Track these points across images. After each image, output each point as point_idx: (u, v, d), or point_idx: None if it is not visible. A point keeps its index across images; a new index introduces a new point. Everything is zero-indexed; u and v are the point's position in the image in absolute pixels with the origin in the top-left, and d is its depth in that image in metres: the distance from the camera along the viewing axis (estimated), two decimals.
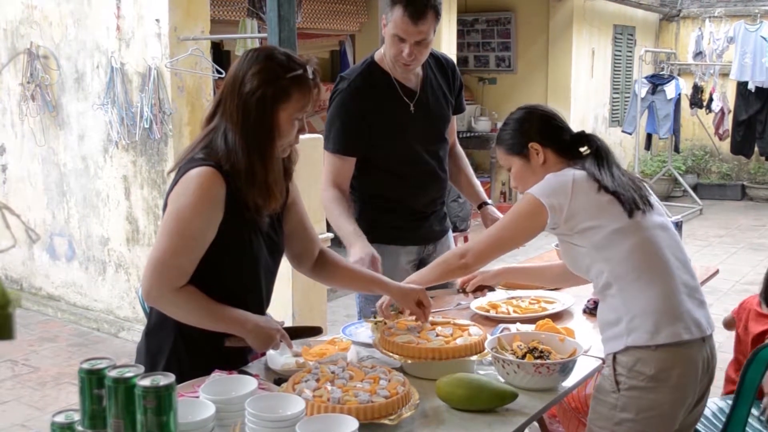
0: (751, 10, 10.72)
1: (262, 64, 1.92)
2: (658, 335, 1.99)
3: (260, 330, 1.99)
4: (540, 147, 2.22)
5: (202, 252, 1.93)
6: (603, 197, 2.09)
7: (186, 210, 1.89)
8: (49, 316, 5.97)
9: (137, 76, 5.22)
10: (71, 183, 5.86)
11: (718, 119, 10.89)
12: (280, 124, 1.94)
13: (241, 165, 1.91)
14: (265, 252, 2.08)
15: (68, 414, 1.57)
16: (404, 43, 2.58)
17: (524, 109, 2.31)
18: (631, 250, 2.04)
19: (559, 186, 2.12)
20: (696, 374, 2.04)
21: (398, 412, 1.80)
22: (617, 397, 2.01)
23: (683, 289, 2.06)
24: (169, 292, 1.90)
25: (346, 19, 7.97)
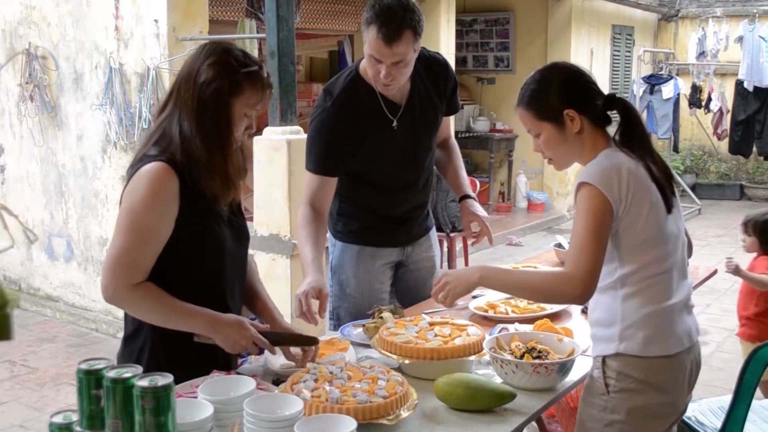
0: (749, 10, 10.73)
1: (219, 57, 1.94)
2: (650, 348, 1.96)
3: (228, 332, 1.95)
4: (576, 114, 2.01)
5: (157, 247, 1.92)
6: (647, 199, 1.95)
7: (138, 206, 1.89)
8: (47, 316, 5.96)
9: (136, 77, 5.22)
10: (70, 183, 5.85)
11: (716, 119, 10.90)
12: (234, 119, 1.96)
13: (199, 154, 1.91)
14: (230, 239, 2.06)
15: (66, 414, 1.57)
16: (381, 64, 2.45)
17: (554, 68, 2.11)
18: (649, 263, 1.97)
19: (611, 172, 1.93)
20: (684, 379, 2.03)
21: (397, 412, 1.80)
22: (607, 399, 1.98)
23: (681, 304, 2.02)
24: (124, 290, 1.88)
25: (344, 20, 7.97)
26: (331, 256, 2.90)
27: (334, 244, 2.88)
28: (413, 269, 2.94)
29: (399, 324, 2.28)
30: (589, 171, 1.96)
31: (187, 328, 1.95)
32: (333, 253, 2.89)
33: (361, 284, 2.81)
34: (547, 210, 9.90)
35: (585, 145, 2.04)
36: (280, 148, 4.57)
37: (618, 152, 2.00)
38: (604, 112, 2.06)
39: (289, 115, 4.67)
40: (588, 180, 1.93)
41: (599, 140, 2.04)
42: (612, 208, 1.91)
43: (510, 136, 9.75)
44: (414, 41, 2.45)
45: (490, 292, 2.91)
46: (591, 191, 1.92)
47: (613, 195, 1.91)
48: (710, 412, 2.85)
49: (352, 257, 2.82)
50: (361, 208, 2.80)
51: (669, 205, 2.02)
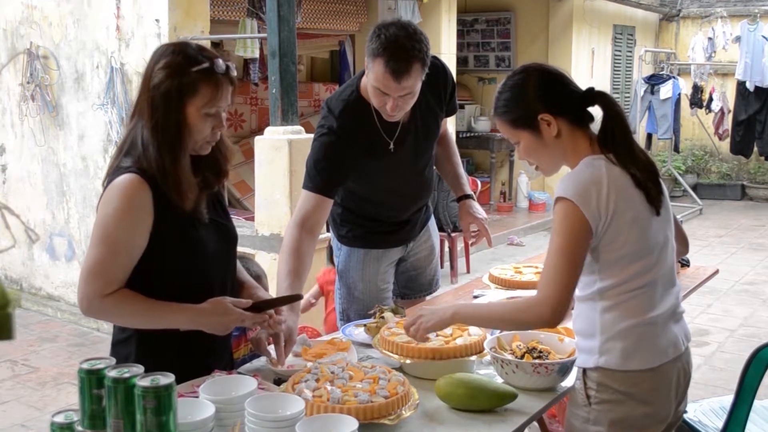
0: (750, 10, 10.72)
1: (169, 58, 1.89)
2: (630, 362, 1.89)
3: (211, 320, 1.93)
4: (552, 117, 1.92)
5: (131, 259, 1.91)
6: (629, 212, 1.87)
7: (110, 219, 1.88)
8: (48, 316, 5.97)
9: (137, 77, 5.21)
10: (71, 183, 5.86)
11: (717, 119, 10.90)
12: (189, 120, 1.89)
13: (155, 160, 1.88)
14: (213, 241, 2.04)
15: (68, 414, 1.57)
16: (387, 97, 2.40)
17: (524, 72, 1.99)
18: (631, 277, 1.90)
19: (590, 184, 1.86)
20: (669, 389, 1.96)
21: (398, 412, 1.80)
22: (589, 410, 1.93)
23: (665, 316, 1.95)
24: (98, 300, 1.87)
25: (345, 19, 7.97)
26: (337, 260, 2.91)
27: (339, 248, 2.90)
28: (413, 260, 2.99)
29: (400, 324, 2.28)
30: (567, 184, 1.88)
31: (168, 325, 1.94)
32: (339, 257, 2.90)
33: (368, 286, 2.84)
34: (549, 210, 9.88)
35: (567, 148, 1.96)
36: (282, 148, 4.57)
37: (599, 159, 1.91)
38: (583, 109, 1.97)
39: (291, 115, 4.67)
40: (565, 195, 1.86)
41: (581, 142, 1.95)
42: (590, 226, 1.84)
43: None
44: (422, 72, 2.40)
45: (491, 292, 2.92)
46: (568, 208, 1.85)
47: (592, 212, 1.84)
48: (712, 413, 2.84)
49: (359, 261, 2.84)
50: (365, 217, 2.81)
51: (656, 207, 1.94)
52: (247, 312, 1.99)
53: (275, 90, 4.60)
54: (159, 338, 1.96)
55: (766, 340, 2.55)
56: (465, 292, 3.01)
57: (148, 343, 1.98)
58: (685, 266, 3.22)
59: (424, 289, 3.07)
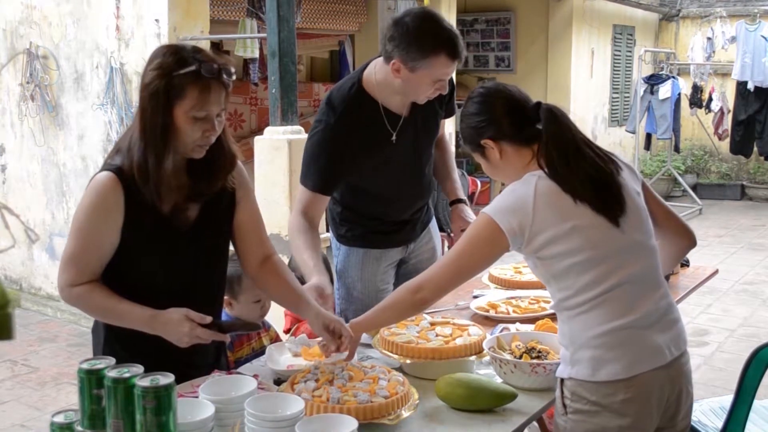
0: (750, 9, 10.72)
1: (161, 59, 1.88)
2: (599, 372, 1.86)
3: (167, 329, 1.91)
4: (492, 142, 2.00)
5: (101, 253, 1.94)
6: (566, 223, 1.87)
7: (81, 214, 1.94)
8: (48, 316, 5.96)
9: (137, 77, 5.21)
10: (71, 183, 5.86)
11: (717, 119, 10.89)
12: (177, 123, 1.88)
13: (135, 161, 1.88)
14: (189, 255, 2.03)
15: (68, 414, 1.57)
16: (441, 82, 2.46)
17: (470, 99, 2.07)
18: (588, 285, 1.87)
19: (518, 203, 1.90)
20: (647, 401, 1.88)
21: (397, 411, 1.80)
22: (566, 419, 1.91)
23: (645, 321, 1.89)
24: (67, 289, 1.95)
25: (345, 20, 7.97)
26: (336, 260, 2.89)
27: (338, 248, 2.87)
28: (414, 262, 2.95)
29: (400, 324, 2.28)
30: (493, 204, 1.95)
31: (126, 325, 1.95)
32: (338, 257, 2.88)
33: (368, 286, 2.82)
34: None
35: (515, 167, 2.01)
36: (281, 148, 4.57)
37: (533, 176, 1.93)
38: (528, 126, 1.98)
39: (290, 115, 4.67)
40: (489, 213, 1.93)
41: (525, 159, 2.00)
42: (505, 244, 1.90)
43: None
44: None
45: (491, 292, 2.92)
46: (485, 221, 1.92)
47: (512, 231, 1.88)
48: (711, 413, 2.85)
49: (358, 261, 2.82)
50: (365, 216, 2.79)
51: (609, 216, 1.90)
52: (204, 328, 1.92)
53: (275, 90, 4.60)
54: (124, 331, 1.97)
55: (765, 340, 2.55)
56: (465, 292, 3.01)
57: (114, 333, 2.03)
58: (685, 266, 3.22)
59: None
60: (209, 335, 1.94)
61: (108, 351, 1.99)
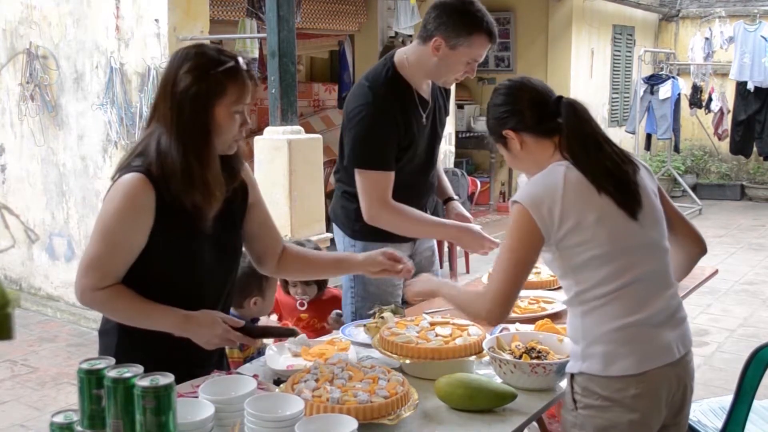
0: (750, 10, 10.72)
1: (193, 61, 1.90)
2: (611, 367, 1.89)
3: (198, 331, 1.93)
4: (513, 133, 2.05)
5: (128, 256, 1.92)
6: (591, 214, 1.90)
7: (110, 216, 1.90)
8: (48, 316, 5.96)
9: (136, 76, 5.22)
10: (70, 183, 5.86)
11: (717, 119, 10.90)
12: (218, 120, 1.91)
13: (176, 166, 1.88)
14: (210, 255, 2.03)
15: (67, 414, 1.57)
16: (473, 64, 2.66)
17: (496, 91, 2.14)
18: (605, 278, 1.90)
19: (547, 191, 1.93)
20: (656, 397, 1.92)
21: (397, 412, 1.80)
22: (575, 415, 1.94)
23: (655, 319, 1.92)
24: (90, 292, 1.91)
25: (345, 20, 7.97)
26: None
27: (353, 245, 2.88)
28: (417, 261, 2.99)
29: (400, 324, 2.28)
30: (523, 190, 1.97)
31: (155, 327, 1.94)
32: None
33: (384, 281, 2.84)
34: None
35: (537, 157, 2.05)
36: (281, 148, 4.57)
37: (560, 166, 1.97)
38: (549, 119, 2.03)
39: (290, 115, 4.67)
40: (519, 199, 1.95)
41: (547, 151, 2.03)
42: (540, 233, 1.91)
43: None
44: None
45: None
46: (520, 212, 1.94)
47: (543, 218, 1.90)
48: (711, 413, 2.85)
49: None
50: None
51: (629, 211, 1.94)
52: (236, 331, 1.97)
53: (275, 90, 4.61)
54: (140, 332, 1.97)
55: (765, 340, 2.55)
56: None
57: (129, 335, 2.00)
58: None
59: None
60: (240, 339, 1.98)
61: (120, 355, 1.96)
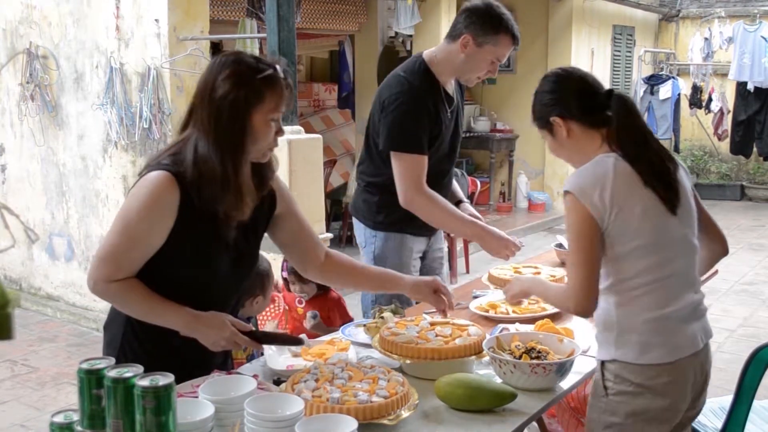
0: (750, 10, 10.73)
1: (232, 68, 1.90)
2: (646, 356, 1.97)
3: (206, 332, 1.94)
4: (561, 120, 2.10)
5: (145, 253, 1.93)
6: (637, 206, 1.96)
7: (132, 211, 1.91)
8: (48, 316, 5.96)
9: (136, 76, 5.22)
10: (70, 183, 5.86)
11: (717, 119, 10.90)
12: (256, 127, 1.91)
13: (216, 172, 1.88)
14: (228, 264, 2.04)
15: (67, 414, 1.57)
16: (496, 64, 2.86)
17: (546, 78, 2.20)
18: (645, 270, 1.97)
19: (598, 179, 1.98)
20: (685, 384, 2.03)
21: (397, 412, 1.80)
22: (606, 401, 2.00)
23: (684, 312, 2.02)
24: (103, 283, 1.91)
25: (345, 20, 7.97)
26: (373, 246, 3.02)
27: (374, 235, 3.01)
28: (429, 260, 3.16)
29: (400, 324, 2.28)
30: (573, 179, 2.01)
31: (164, 324, 1.95)
32: (375, 243, 3.02)
33: (404, 270, 2.89)
34: (548, 210, 9.90)
35: (582, 146, 2.10)
36: (281, 148, 4.56)
37: (610, 156, 2.02)
38: (599, 111, 2.07)
39: (290, 115, 4.67)
40: (570, 189, 1.99)
41: (595, 141, 2.08)
42: (595, 219, 1.95)
43: (510, 136, 9.74)
44: None
45: (490, 292, 2.92)
46: (572, 202, 1.99)
47: (595, 206, 1.95)
48: (711, 413, 2.85)
49: (397, 245, 2.98)
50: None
51: (670, 207, 2.00)
52: (244, 335, 1.98)
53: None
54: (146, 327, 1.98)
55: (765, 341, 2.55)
56: (465, 293, 3.01)
57: (135, 330, 2.01)
58: None
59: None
60: (246, 343, 1.99)
61: (126, 347, 2.02)
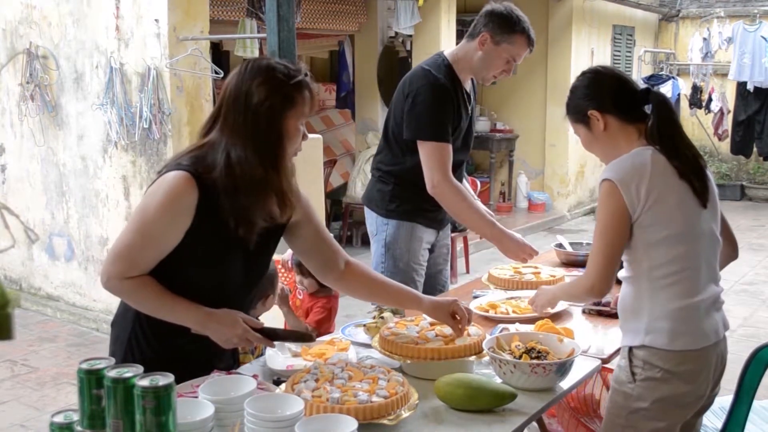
0: (749, 10, 10.73)
1: (266, 74, 1.94)
2: (675, 342, 2.06)
3: (219, 329, 1.96)
4: (598, 113, 2.19)
5: (160, 252, 1.94)
6: (672, 197, 2.07)
7: (150, 209, 1.92)
8: (48, 316, 5.96)
9: (136, 77, 5.22)
10: (70, 183, 5.85)
11: (717, 119, 10.90)
12: (289, 131, 1.95)
13: (255, 176, 1.91)
14: (241, 271, 2.05)
15: (67, 414, 1.57)
16: (512, 64, 2.99)
17: (582, 74, 2.32)
18: (676, 258, 2.07)
19: (635, 169, 2.08)
20: (709, 371, 2.12)
21: (397, 412, 1.80)
22: (633, 387, 2.09)
23: (708, 302, 2.12)
24: (117, 280, 1.93)
25: (345, 20, 7.97)
26: (385, 233, 3.11)
27: (386, 223, 3.11)
28: (436, 254, 3.25)
29: (400, 324, 2.28)
30: (612, 168, 2.12)
31: (177, 321, 1.97)
32: (386, 230, 3.11)
33: (411, 259, 3.09)
34: (548, 210, 9.90)
35: (617, 141, 2.19)
36: None
37: (647, 149, 2.12)
38: (636, 108, 2.19)
39: None
40: (609, 177, 2.09)
41: (631, 136, 2.18)
42: (627, 209, 2.06)
43: (510, 136, 9.74)
44: None
45: (491, 292, 2.92)
46: (610, 188, 2.09)
47: (630, 195, 2.06)
48: (711, 413, 2.84)
49: (408, 233, 3.07)
50: (417, 190, 2.99)
51: (702, 200, 2.11)
52: (255, 332, 2.00)
53: None
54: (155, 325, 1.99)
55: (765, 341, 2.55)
56: (465, 292, 3.01)
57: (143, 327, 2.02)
58: None
59: (437, 289, 3.26)
60: (258, 340, 2.01)
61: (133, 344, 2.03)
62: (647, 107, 2.19)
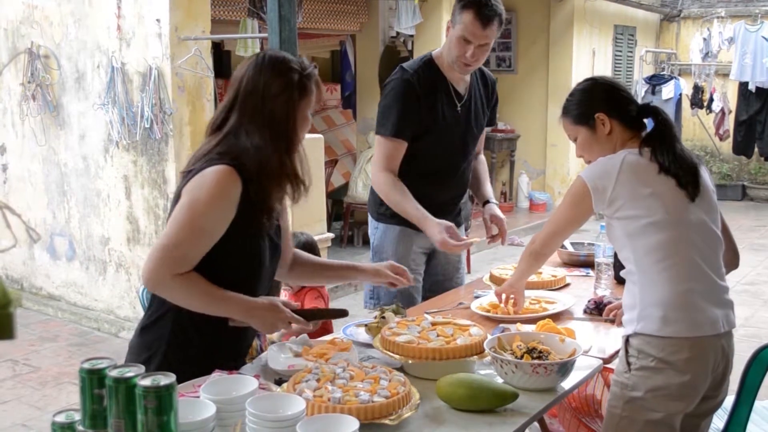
0: (751, 10, 10.72)
1: (282, 66, 2.03)
2: (666, 328, 2.09)
3: (263, 315, 2.04)
4: (606, 117, 2.28)
5: (208, 246, 1.98)
6: (646, 189, 2.15)
7: (200, 203, 1.94)
8: (49, 315, 5.97)
9: (138, 76, 5.22)
10: (72, 183, 5.86)
11: (718, 119, 10.90)
12: (300, 122, 2.05)
13: (274, 162, 1.99)
14: (267, 254, 2.13)
15: (69, 414, 1.57)
16: (470, 45, 2.79)
17: (590, 80, 2.41)
18: (659, 246, 2.13)
19: (606, 169, 2.20)
20: (705, 363, 2.12)
21: (399, 412, 1.80)
22: (628, 376, 2.13)
23: (703, 292, 2.14)
24: (168, 278, 1.94)
25: (346, 19, 7.97)
26: (373, 237, 3.08)
27: (376, 227, 3.07)
28: (444, 262, 3.14)
29: (401, 324, 2.28)
30: (588, 169, 2.25)
31: (224, 313, 2.03)
32: (375, 234, 3.07)
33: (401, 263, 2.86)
34: (549, 210, 9.90)
35: (614, 144, 2.28)
36: None
37: (624, 152, 2.22)
38: (637, 118, 2.30)
39: None
40: (584, 176, 2.23)
41: (630, 141, 2.27)
42: (590, 203, 2.20)
43: (512, 136, 9.74)
44: (499, 29, 2.82)
45: (492, 292, 2.91)
46: (581, 183, 2.23)
47: (597, 191, 2.19)
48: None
49: (394, 237, 3.00)
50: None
51: (690, 193, 2.16)
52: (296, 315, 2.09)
53: None
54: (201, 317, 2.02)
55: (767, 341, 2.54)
56: (465, 292, 3.01)
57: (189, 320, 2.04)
58: None
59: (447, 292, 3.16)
60: (299, 322, 2.10)
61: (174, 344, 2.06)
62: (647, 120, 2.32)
